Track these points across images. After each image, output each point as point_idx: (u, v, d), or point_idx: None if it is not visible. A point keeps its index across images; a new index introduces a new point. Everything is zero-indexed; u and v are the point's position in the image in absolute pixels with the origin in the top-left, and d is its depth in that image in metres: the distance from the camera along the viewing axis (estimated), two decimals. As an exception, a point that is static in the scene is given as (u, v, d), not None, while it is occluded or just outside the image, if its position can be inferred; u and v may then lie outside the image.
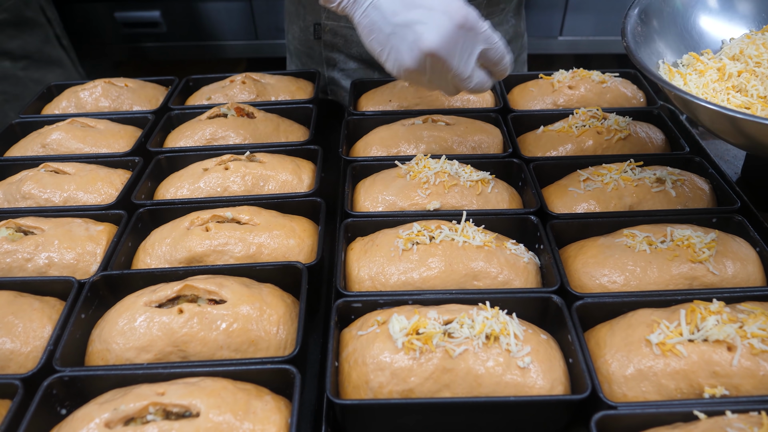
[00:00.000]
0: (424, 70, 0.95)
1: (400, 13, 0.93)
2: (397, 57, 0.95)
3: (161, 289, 0.92)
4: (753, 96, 0.95)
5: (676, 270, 0.94)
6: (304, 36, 1.62)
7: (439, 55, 0.92)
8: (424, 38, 0.91)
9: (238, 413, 0.76)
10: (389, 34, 0.94)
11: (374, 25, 0.96)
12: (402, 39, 0.93)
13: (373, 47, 0.98)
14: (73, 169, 1.19)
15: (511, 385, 0.80)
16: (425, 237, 0.98)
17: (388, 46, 0.95)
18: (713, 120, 0.88)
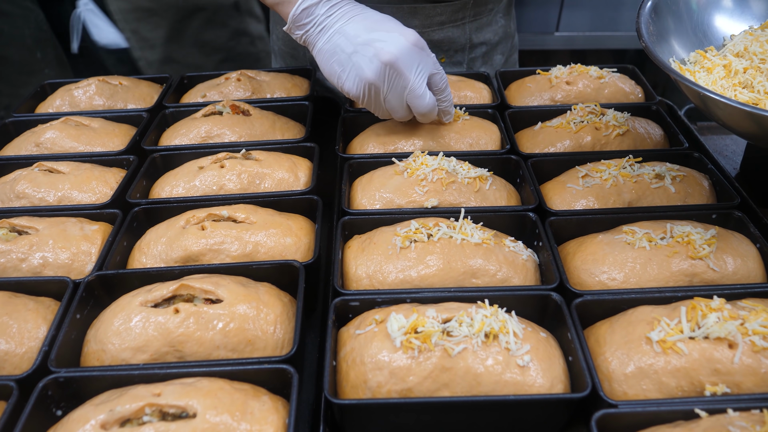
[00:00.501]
0: (383, 81, 1.06)
1: (361, 35, 1.06)
2: (358, 71, 1.06)
3: (157, 288, 0.91)
4: (760, 92, 0.95)
5: (676, 267, 0.94)
6: (287, 37, 1.62)
7: (398, 65, 1.04)
8: (384, 51, 1.04)
9: (235, 414, 0.76)
10: (351, 53, 1.06)
11: (337, 47, 1.07)
12: (363, 55, 1.05)
13: (333, 68, 1.09)
14: (67, 168, 1.18)
15: (510, 383, 0.80)
16: (423, 235, 0.97)
17: (350, 64, 1.07)
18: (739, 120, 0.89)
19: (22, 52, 2.33)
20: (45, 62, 2.41)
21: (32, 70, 2.37)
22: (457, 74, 1.45)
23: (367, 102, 1.11)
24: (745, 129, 0.92)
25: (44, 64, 2.41)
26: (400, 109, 1.11)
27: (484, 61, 1.60)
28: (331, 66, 1.09)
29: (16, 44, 2.31)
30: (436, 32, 1.50)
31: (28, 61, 2.36)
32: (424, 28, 1.49)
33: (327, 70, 1.10)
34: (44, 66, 2.41)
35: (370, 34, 1.05)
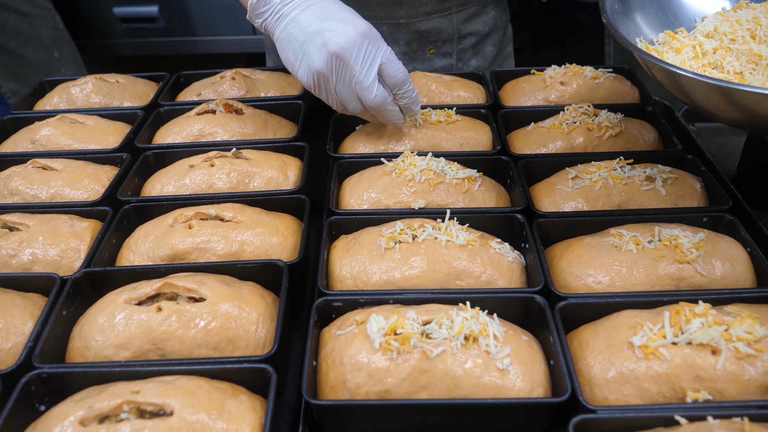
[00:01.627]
0: (330, 71, 1.07)
1: (313, 25, 1.07)
2: (309, 61, 1.07)
3: (141, 286, 0.92)
4: (729, 72, 0.95)
5: (663, 270, 0.93)
6: None
7: (343, 56, 1.05)
8: (331, 41, 1.05)
9: (212, 413, 0.76)
10: (303, 42, 1.07)
11: (291, 36, 1.08)
12: (313, 45, 1.06)
13: (288, 57, 1.10)
14: (60, 165, 1.19)
15: (489, 386, 0.79)
16: (408, 236, 0.97)
17: (301, 53, 1.08)
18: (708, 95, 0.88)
19: (40, 52, 2.37)
20: (62, 62, 2.44)
21: (50, 69, 2.41)
22: (451, 74, 1.44)
23: (319, 92, 1.12)
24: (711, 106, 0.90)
25: (61, 64, 2.44)
26: (352, 100, 1.11)
27: (474, 52, 1.59)
28: (286, 54, 1.10)
29: (34, 44, 2.35)
30: (423, 22, 1.50)
31: (46, 60, 2.40)
32: (410, 18, 1.48)
33: (283, 58, 1.11)
34: (61, 65, 2.44)
35: (321, 24, 1.06)
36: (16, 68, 2.30)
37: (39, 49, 2.35)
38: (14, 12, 2.25)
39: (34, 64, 2.36)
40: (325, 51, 1.04)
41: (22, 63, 2.32)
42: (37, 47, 2.34)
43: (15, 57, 2.29)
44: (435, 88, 1.37)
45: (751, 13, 1.02)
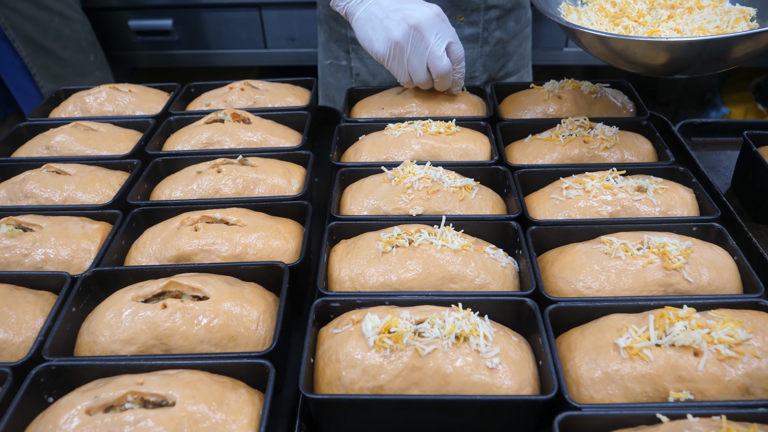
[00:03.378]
0: (407, 41, 1.24)
1: (393, 5, 1.25)
2: (388, 32, 1.24)
3: (148, 285, 0.96)
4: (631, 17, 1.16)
5: (651, 277, 0.95)
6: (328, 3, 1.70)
7: (421, 28, 1.23)
8: (411, 15, 1.23)
9: (212, 404, 0.79)
10: (382, 18, 1.25)
11: (372, 15, 1.27)
12: (392, 19, 1.24)
13: (366, 32, 1.28)
14: (74, 170, 1.24)
15: (479, 384, 0.82)
16: (405, 240, 1.01)
17: (381, 27, 1.25)
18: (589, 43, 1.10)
19: (79, 55, 2.46)
20: (96, 65, 2.53)
21: (86, 71, 2.49)
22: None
23: (392, 62, 1.28)
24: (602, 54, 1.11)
25: (95, 67, 2.53)
26: (420, 70, 1.28)
27: (498, 24, 1.68)
28: (365, 30, 1.27)
29: (74, 47, 2.43)
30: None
31: (84, 63, 2.48)
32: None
33: (361, 34, 1.28)
34: (95, 68, 2.53)
35: (400, 4, 1.25)
36: (56, 70, 2.38)
37: (78, 52, 2.44)
38: (58, 15, 2.34)
39: (72, 66, 2.44)
40: (405, 24, 1.22)
41: (63, 65, 2.41)
42: (76, 50, 2.43)
43: (57, 59, 2.37)
44: (437, 100, 1.41)
45: None
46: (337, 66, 1.78)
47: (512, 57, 1.75)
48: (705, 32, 1.11)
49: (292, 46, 2.82)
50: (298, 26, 2.76)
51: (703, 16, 1.15)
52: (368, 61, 1.72)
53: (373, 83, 1.75)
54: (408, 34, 1.23)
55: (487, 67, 1.71)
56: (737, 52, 1.01)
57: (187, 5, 2.72)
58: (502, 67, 1.74)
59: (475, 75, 1.72)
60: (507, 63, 1.74)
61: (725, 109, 3.06)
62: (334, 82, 1.80)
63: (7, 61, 2.27)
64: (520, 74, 1.82)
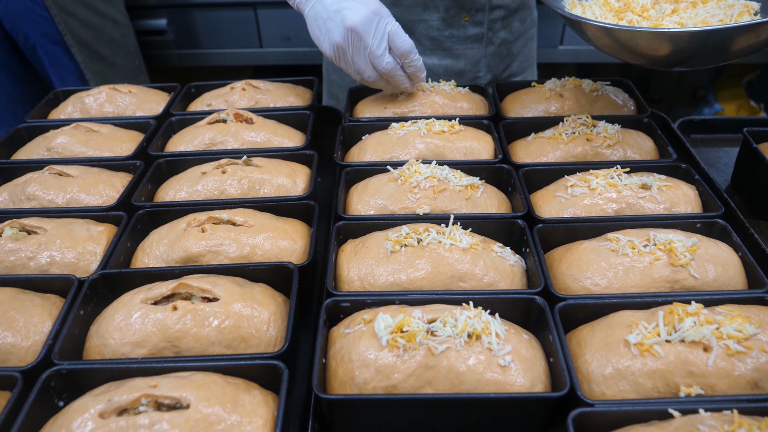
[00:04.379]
0: (348, 44, 1.25)
1: (335, 5, 1.26)
2: (330, 35, 1.26)
3: (157, 287, 0.96)
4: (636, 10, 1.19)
5: (658, 273, 0.96)
6: None
7: (358, 30, 1.24)
8: (348, 17, 1.24)
9: (226, 406, 0.79)
10: (326, 19, 1.26)
11: (317, 14, 1.28)
12: (333, 21, 1.25)
13: (314, 33, 1.30)
14: (76, 171, 1.23)
15: (491, 382, 0.83)
16: (413, 239, 1.01)
17: (324, 29, 1.27)
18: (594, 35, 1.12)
19: (126, 60, 2.45)
20: (140, 69, 2.52)
21: (132, 76, 2.48)
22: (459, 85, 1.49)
23: (339, 61, 1.30)
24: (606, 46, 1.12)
25: (140, 71, 2.52)
26: (367, 68, 1.29)
27: (503, 25, 1.68)
28: (313, 30, 1.30)
29: (122, 52, 2.43)
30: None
31: (130, 67, 2.48)
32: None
33: (311, 33, 1.31)
34: (140, 73, 2.52)
35: (341, 3, 1.25)
36: (107, 75, 2.37)
37: (126, 57, 2.43)
38: (110, 20, 2.33)
39: (121, 71, 2.44)
40: (342, 26, 1.23)
41: (113, 70, 2.40)
42: (125, 55, 2.42)
43: (108, 64, 2.36)
44: (439, 99, 1.42)
45: None
46: None
47: (517, 58, 1.75)
48: (708, 25, 1.11)
49: (288, 45, 2.81)
50: (293, 25, 2.75)
51: (707, 11, 1.16)
52: None
53: None
54: (346, 36, 1.24)
55: (491, 67, 1.72)
56: (740, 43, 1.02)
57: (182, 4, 2.71)
58: (506, 67, 1.75)
59: (479, 75, 1.72)
60: (511, 63, 1.75)
61: (718, 106, 3.09)
62: (338, 80, 1.80)
63: (62, 67, 2.26)
64: (525, 75, 1.83)
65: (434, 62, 1.68)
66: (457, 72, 1.71)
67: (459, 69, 1.71)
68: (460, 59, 1.69)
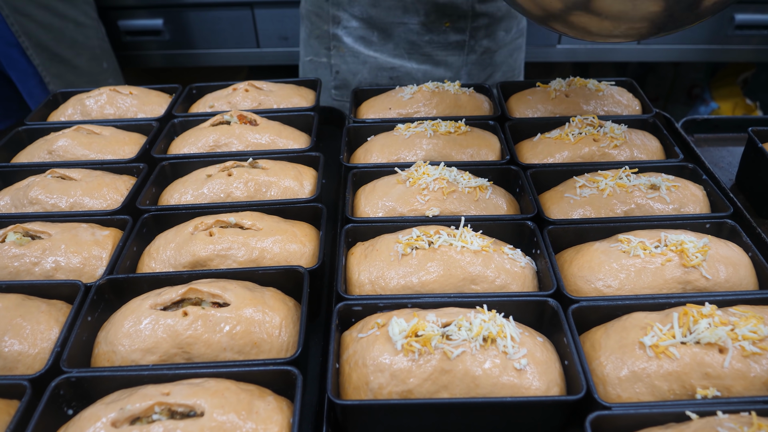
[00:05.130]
0: None
1: None
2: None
3: (166, 292, 0.94)
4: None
5: (670, 274, 0.96)
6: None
7: None
8: None
9: (241, 413, 0.78)
10: None
11: None
12: None
13: None
14: (79, 175, 1.22)
15: (507, 386, 0.82)
16: (424, 242, 1.00)
17: None
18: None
19: (92, 62, 2.40)
20: (108, 72, 2.48)
21: (98, 79, 2.44)
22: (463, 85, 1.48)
23: None
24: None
25: (108, 74, 2.48)
26: None
27: (486, 33, 1.66)
28: None
29: (87, 54, 2.38)
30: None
31: (96, 70, 2.43)
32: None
33: None
34: (108, 76, 2.48)
35: None
36: (70, 78, 2.33)
37: (91, 59, 2.39)
38: (72, 22, 2.28)
39: (85, 75, 2.39)
40: None
41: (76, 73, 2.36)
42: (89, 57, 2.38)
43: (71, 67, 2.32)
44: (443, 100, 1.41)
45: None
46: (317, 63, 1.76)
47: (500, 68, 1.73)
48: None
49: (285, 45, 2.79)
50: (290, 25, 2.73)
51: None
52: (349, 59, 1.71)
53: (353, 82, 1.74)
54: None
55: (472, 75, 1.70)
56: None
57: (178, 5, 2.68)
58: (488, 77, 1.73)
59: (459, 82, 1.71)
60: (494, 73, 1.73)
61: (714, 104, 3.10)
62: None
63: (20, 69, 2.21)
64: None
65: (413, 66, 1.66)
66: (437, 78, 1.68)
67: (438, 75, 1.69)
68: (439, 65, 1.68)
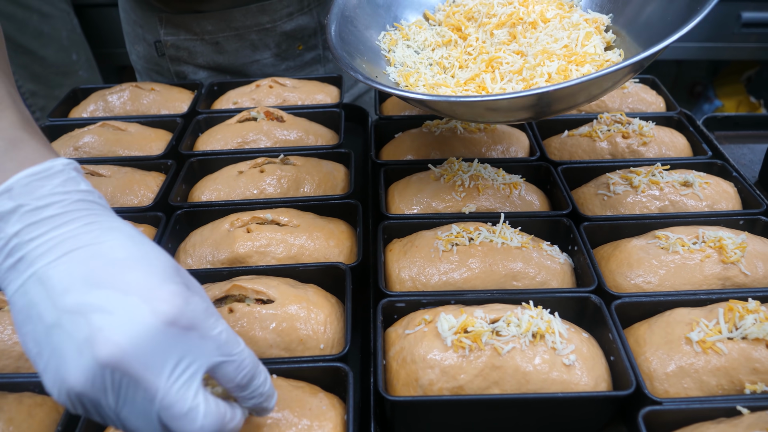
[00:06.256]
0: (103, 392, 0.54)
1: (74, 293, 0.55)
2: (59, 367, 0.54)
3: (209, 289, 0.94)
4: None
5: (709, 270, 0.97)
6: (148, 54, 1.66)
7: (130, 366, 0.53)
8: (104, 337, 0.53)
9: (295, 410, 0.78)
10: (51, 327, 0.54)
11: (32, 309, 0.56)
12: (69, 335, 0.54)
13: (28, 346, 0.56)
14: (108, 171, 1.21)
15: (557, 382, 0.83)
16: (464, 238, 1.01)
17: (48, 348, 0.55)
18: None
19: (59, 54, 2.38)
20: (79, 64, 2.46)
21: (68, 71, 2.42)
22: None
23: (86, 413, 0.57)
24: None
25: (78, 66, 2.46)
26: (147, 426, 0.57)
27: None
28: (24, 339, 0.57)
29: (54, 45, 2.36)
30: (287, 23, 1.58)
31: (65, 62, 2.41)
32: (275, 22, 1.56)
33: (22, 343, 0.57)
34: (78, 68, 2.46)
35: (88, 293, 0.55)
36: (36, 69, 2.31)
37: (58, 51, 2.37)
38: (36, 12, 2.27)
39: (53, 66, 2.37)
40: (90, 355, 0.53)
41: (43, 64, 2.34)
42: (56, 49, 2.36)
43: (36, 58, 2.30)
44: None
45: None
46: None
47: None
48: (550, 56, 0.99)
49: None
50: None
51: (549, 33, 1.04)
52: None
53: None
54: (101, 378, 0.53)
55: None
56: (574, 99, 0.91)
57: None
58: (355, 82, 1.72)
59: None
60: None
61: (718, 102, 3.13)
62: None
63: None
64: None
65: None
66: None
67: None
68: None
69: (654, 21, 1.03)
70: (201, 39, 1.57)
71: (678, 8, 0.95)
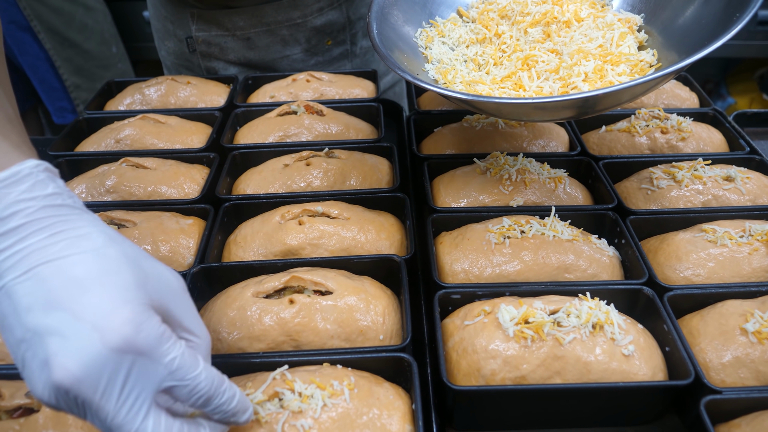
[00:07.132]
0: (66, 405, 0.59)
1: (35, 313, 0.58)
2: (29, 378, 0.59)
3: (267, 280, 0.95)
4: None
5: (758, 263, 0.99)
6: (179, 50, 1.67)
7: (80, 392, 0.56)
8: (58, 363, 0.56)
9: (363, 399, 0.79)
10: (19, 341, 0.59)
11: (5, 320, 0.59)
12: (33, 355, 0.58)
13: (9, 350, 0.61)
14: (152, 164, 1.21)
15: (617, 372, 0.84)
16: (516, 231, 1.02)
17: (20, 359, 0.59)
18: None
19: (101, 47, 2.41)
20: (118, 57, 2.48)
21: (108, 64, 2.44)
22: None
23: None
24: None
25: (117, 59, 2.48)
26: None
27: (364, 33, 1.69)
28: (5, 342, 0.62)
29: (96, 38, 2.39)
30: (317, 18, 1.59)
31: (106, 55, 2.44)
32: (306, 17, 1.58)
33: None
34: (117, 61, 2.48)
35: (46, 316, 0.57)
36: (79, 62, 2.33)
37: (100, 44, 2.39)
38: (82, 6, 2.29)
39: (95, 59, 2.40)
40: (47, 378, 0.57)
41: (86, 57, 2.36)
42: (98, 42, 2.38)
43: (80, 51, 2.32)
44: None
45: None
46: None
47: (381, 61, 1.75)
48: (586, 55, 1.01)
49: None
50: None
51: (584, 32, 1.06)
52: None
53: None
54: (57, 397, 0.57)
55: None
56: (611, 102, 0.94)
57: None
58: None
59: None
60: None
61: (731, 99, 3.15)
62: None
63: (31, 54, 2.21)
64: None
65: None
66: None
67: None
68: None
69: (688, 23, 1.04)
70: (232, 35, 1.58)
71: (713, 11, 0.97)
